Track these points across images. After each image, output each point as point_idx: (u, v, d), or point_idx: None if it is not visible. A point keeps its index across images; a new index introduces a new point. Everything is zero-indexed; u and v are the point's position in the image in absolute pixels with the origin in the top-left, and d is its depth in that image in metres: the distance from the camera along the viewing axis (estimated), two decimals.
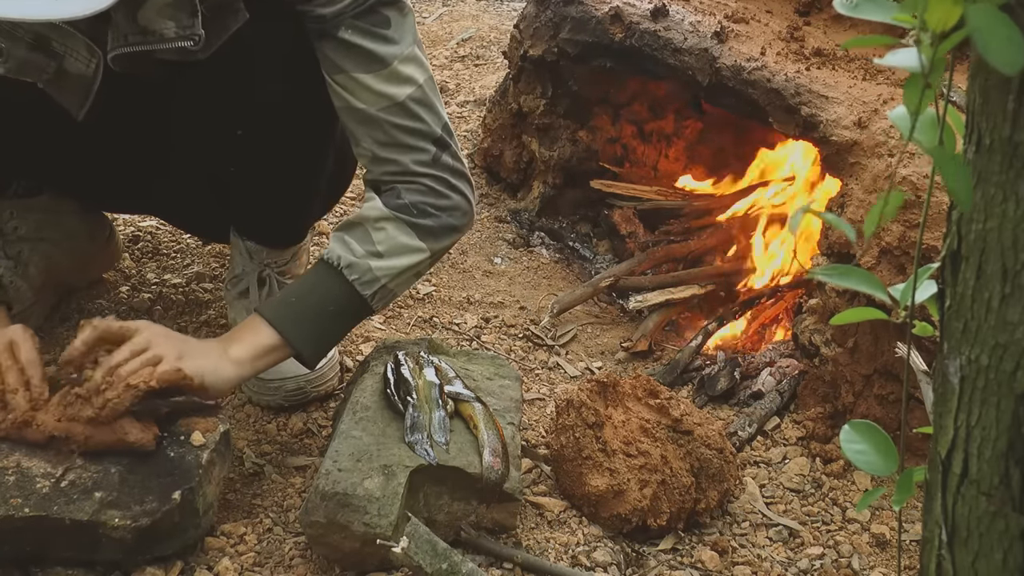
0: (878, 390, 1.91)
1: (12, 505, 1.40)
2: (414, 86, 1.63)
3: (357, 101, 1.61)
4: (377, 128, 1.62)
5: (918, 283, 0.87)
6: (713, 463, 1.72)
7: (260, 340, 1.58)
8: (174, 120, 1.69)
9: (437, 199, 1.65)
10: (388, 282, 1.64)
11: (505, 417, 1.68)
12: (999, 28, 0.65)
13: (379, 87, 1.60)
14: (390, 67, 1.60)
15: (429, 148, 1.64)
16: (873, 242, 1.84)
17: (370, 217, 1.63)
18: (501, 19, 3.65)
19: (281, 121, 1.64)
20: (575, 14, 2.43)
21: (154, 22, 1.49)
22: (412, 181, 1.64)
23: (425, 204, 1.64)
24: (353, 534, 1.47)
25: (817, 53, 2.22)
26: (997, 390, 0.77)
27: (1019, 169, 0.72)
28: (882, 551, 1.74)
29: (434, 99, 1.66)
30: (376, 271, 1.62)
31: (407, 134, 1.63)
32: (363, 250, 1.62)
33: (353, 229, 1.64)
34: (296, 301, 1.63)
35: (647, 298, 2.34)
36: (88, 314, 2.06)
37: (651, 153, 2.70)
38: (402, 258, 1.64)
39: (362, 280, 1.61)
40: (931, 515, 0.87)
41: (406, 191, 1.64)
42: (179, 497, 1.44)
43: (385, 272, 1.62)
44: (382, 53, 1.59)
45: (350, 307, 1.64)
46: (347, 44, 1.58)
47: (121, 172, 1.85)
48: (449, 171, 1.66)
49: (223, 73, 1.57)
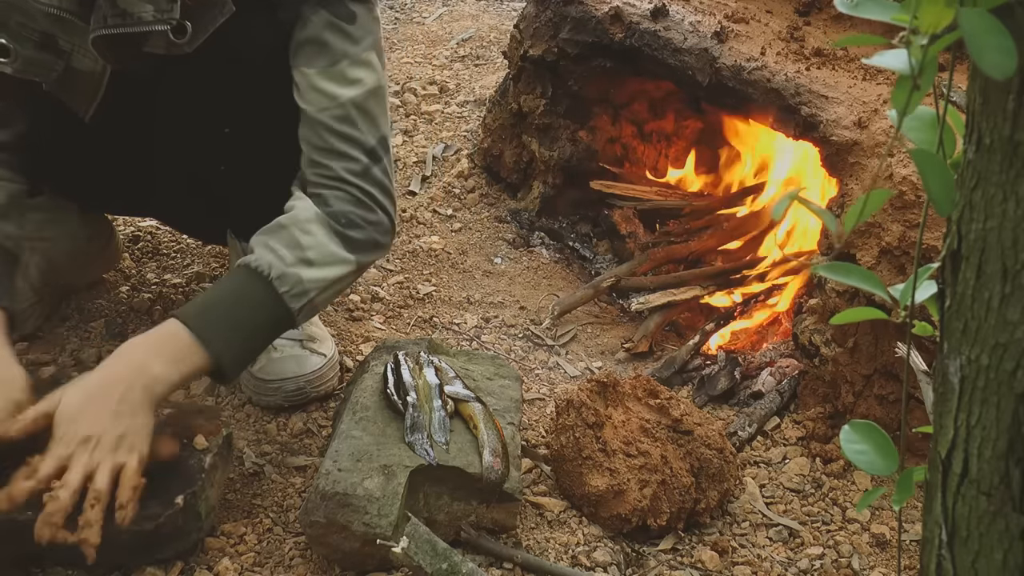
0: (878, 390, 1.91)
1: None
2: (359, 90, 1.59)
3: (303, 101, 1.59)
4: (313, 130, 1.59)
5: (918, 283, 0.87)
6: (713, 463, 1.72)
7: (187, 358, 1.47)
8: (167, 120, 1.69)
9: (364, 212, 1.60)
10: (316, 296, 1.56)
11: (505, 417, 1.68)
12: (991, 34, 0.66)
13: (323, 85, 1.57)
14: (339, 65, 1.57)
15: (361, 158, 1.60)
16: (872, 241, 1.84)
17: (299, 219, 1.56)
18: (501, 19, 3.65)
19: (270, 117, 1.62)
20: (575, 14, 2.43)
21: (133, 5, 1.49)
22: (340, 188, 1.59)
23: (353, 215, 1.59)
24: (353, 534, 1.47)
25: (817, 53, 2.22)
26: (997, 390, 0.77)
27: (1019, 169, 0.72)
28: (882, 551, 1.74)
29: (376, 109, 1.62)
30: (306, 283, 1.54)
31: (342, 140, 1.59)
32: (292, 257, 1.53)
33: (278, 234, 1.56)
34: (222, 313, 1.52)
35: (649, 299, 2.34)
36: (88, 314, 2.06)
37: (651, 153, 2.70)
38: (331, 268, 1.57)
39: (292, 292, 1.53)
40: (931, 515, 0.87)
41: (334, 198, 1.59)
42: (182, 501, 1.44)
43: (314, 284, 1.55)
44: (337, 48, 1.57)
45: (277, 320, 1.56)
46: (308, 30, 1.55)
47: (121, 174, 1.85)
48: (377, 186, 1.61)
49: (211, 68, 1.56)
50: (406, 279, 2.34)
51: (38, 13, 1.55)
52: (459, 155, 2.83)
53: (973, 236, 0.77)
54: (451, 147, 2.87)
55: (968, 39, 0.66)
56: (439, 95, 3.15)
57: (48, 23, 1.56)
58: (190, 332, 1.47)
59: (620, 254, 2.54)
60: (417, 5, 3.80)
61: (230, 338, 1.50)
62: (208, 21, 1.53)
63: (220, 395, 1.89)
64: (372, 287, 2.27)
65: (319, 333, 1.92)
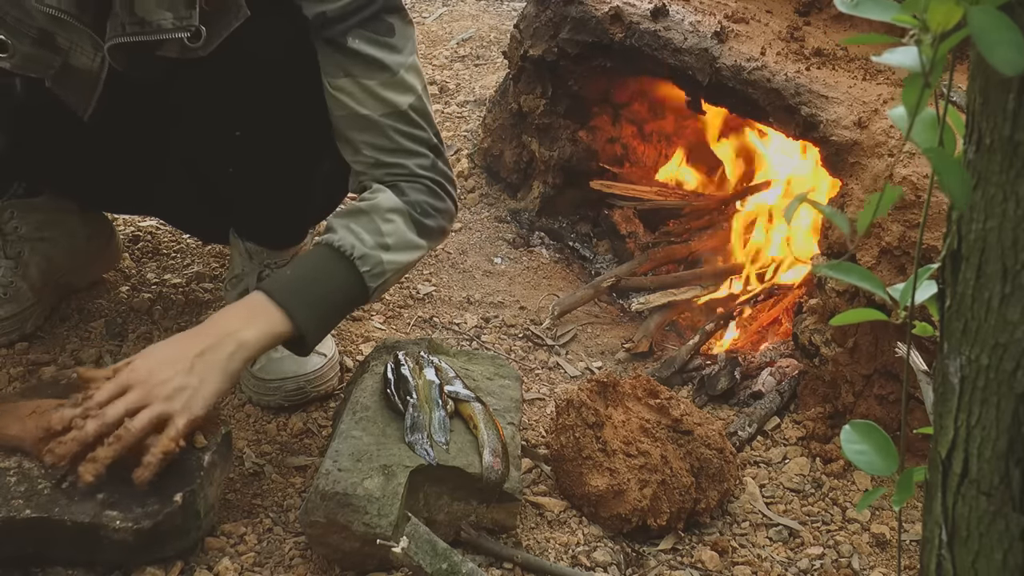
0: (878, 390, 1.91)
1: (13, 506, 1.40)
2: (415, 95, 1.66)
3: (361, 107, 1.62)
4: (380, 134, 1.64)
5: (918, 283, 0.87)
6: (713, 463, 1.72)
7: (274, 327, 1.54)
8: (174, 120, 1.69)
9: (436, 201, 1.68)
10: (391, 276, 1.65)
11: (505, 417, 1.68)
12: (1001, 30, 0.66)
13: (384, 94, 1.63)
14: (396, 75, 1.63)
15: (428, 154, 1.68)
16: (872, 241, 1.84)
17: (382, 207, 1.63)
18: (501, 19, 3.65)
19: (280, 120, 1.64)
20: (575, 14, 2.43)
21: (152, 12, 1.50)
22: (416, 181, 1.66)
23: (427, 204, 1.66)
24: (353, 534, 1.47)
25: (817, 53, 2.21)
26: (997, 390, 0.77)
27: (1019, 169, 0.72)
28: (882, 551, 1.74)
29: (430, 108, 1.71)
30: (385, 264, 1.61)
31: (410, 140, 1.66)
32: (373, 241, 1.60)
33: (359, 217, 1.62)
34: (306, 287, 1.59)
35: (650, 299, 2.34)
36: (88, 314, 2.06)
37: (651, 153, 2.70)
38: (406, 253, 1.65)
39: (372, 272, 1.60)
40: (931, 515, 0.87)
41: (411, 189, 1.66)
42: (180, 499, 1.44)
43: (392, 266, 1.63)
44: (388, 61, 1.62)
45: (353, 297, 1.64)
46: (354, 52, 1.59)
47: (122, 174, 1.86)
48: (444, 176, 1.70)
49: (223, 71, 1.57)
50: (406, 279, 2.34)
51: (36, 11, 1.55)
52: (459, 155, 2.83)
53: (973, 236, 0.77)
54: (451, 147, 2.87)
55: (977, 36, 0.66)
56: (439, 95, 3.15)
57: (46, 21, 1.56)
58: (277, 304, 1.54)
59: (620, 254, 2.54)
60: (417, 5, 3.80)
61: (313, 311, 1.57)
62: (223, 26, 1.54)
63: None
64: None
65: None
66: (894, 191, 0.83)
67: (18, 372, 1.88)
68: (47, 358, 1.93)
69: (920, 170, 1.80)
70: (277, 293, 1.55)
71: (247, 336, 1.51)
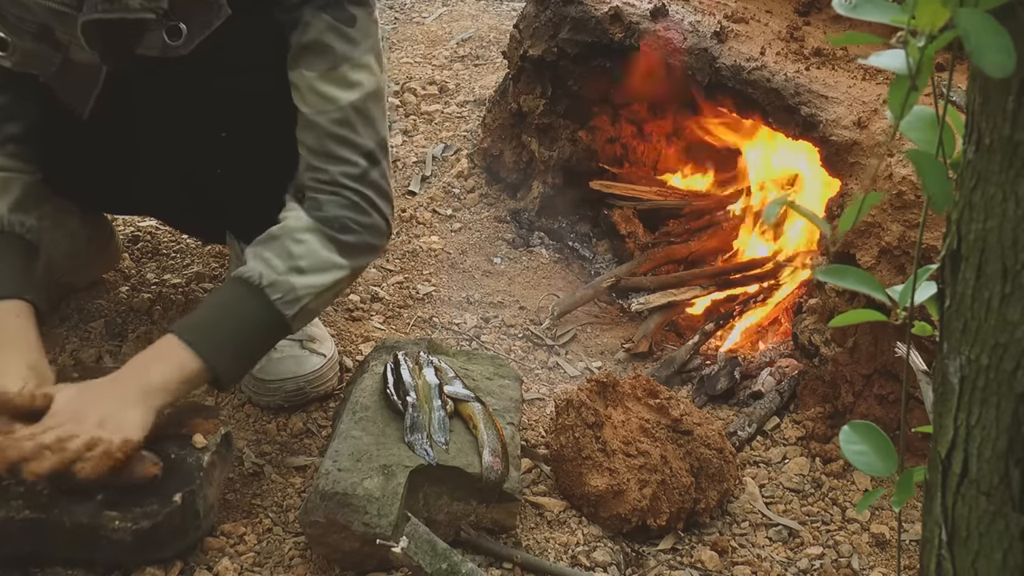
0: (878, 390, 1.91)
1: (12, 507, 1.40)
2: (359, 93, 1.59)
3: (301, 103, 1.59)
4: (311, 134, 1.60)
5: (917, 283, 0.87)
6: (713, 463, 1.72)
7: (183, 367, 1.50)
8: (163, 122, 1.68)
9: (359, 215, 1.61)
10: (309, 302, 1.58)
11: (505, 417, 1.68)
12: (990, 33, 0.66)
13: (323, 88, 1.58)
14: (339, 69, 1.58)
15: (359, 162, 1.61)
16: (872, 241, 1.84)
17: (291, 228, 1.58)
18: (501, 19, 3.65)
19: (266, 120, 1.62)
20: (575, 14, 2.43)
21: None
22: (336, 193, 1.60)
23: (347, 219, 1.60)
24: (353, 534, 1.47)
25: (817, 53, 2.22)
26: (997, 390, 0.78)
27: (1019, 169, 0.72)
28: (882, 551, 1.74)
29: (375, 112, 1.62)
30: (299, 289, 1.56)
31: (340, 144, 1.60)
32: (284, 266, 1.56)
33: (270, 244, 1.58)
34: (216, 324, 1.55)
35: (649, 300, 2.33)
36: (88, 314, 2.06)
37: (651, 153, 2.70)
38: (324, 275, 1.58)
39: (285, 299, 1.56)
40: (931, 515, 0.87)
41: (328, 203, 1.60)
42: (180, 499, 1.44)
43: (307, 291, 1.57)
44: (337, 51, 1.57)
45: (270, 328, 1.59)
46: (308, 34, 1.56)
47: (119, 175, 1.85)
48: (375, 189, 1.62)
49: (208, 72, 1.56)
50: (406, 279, 2.34)
51: (35, 6, 1.54)
52: (459, 155, 2.83)
53: (973, 236, 0.77)
54: (451, 147, 2.87)
55: (967, 39, 0.66)
56: (439, 95, 3.15)
57: (45, 15, 1.56)
58: (184, 343, 1.51)
59: (620, 254, 2.54)
60: (417, 5, 3.80)
61: (224, 347, 1.53)
62: (203, 24, 1.53)
63: (219, 395, 1.89)
64: (372, 287, 2.27)
65: (319, 333, 1.92)
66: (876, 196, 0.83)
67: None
68: (47, 358, 1.92)
69: None
70: (185, 332, 1.52)
71: (154, 378, 1.48)
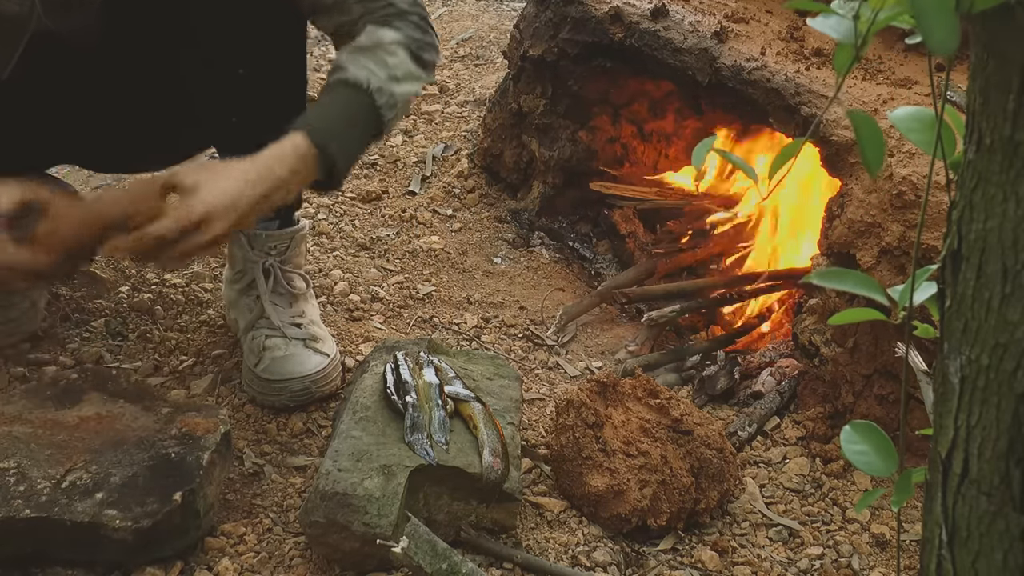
0: (878, 390, 1.91)
1: (13, 506, 1.40)
2: None
3: None
4: None
5: (917, 283, 0.87)
6: (713, 463, 1.72)
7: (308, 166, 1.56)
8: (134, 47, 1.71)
9: (424, 36, 1.73)
10: (400, 108, 1.69)
11: (505, 417, 1.68)
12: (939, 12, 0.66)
13: None
14: None
15: None
16: (872, 241, 1.84)
17: (384, 41, 1.66)
18: (501, 19, 3.65)
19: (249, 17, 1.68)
20: (575, 14, 2.43)
21: None
22: (404, 17, 1.70)
23: (419, 39, 1.71)
24: (353, 534, 1.47)
25: (817, 53, 2.22)
26: (997, 390, 0.77)
27: (1019, 169, 0.72)
28: (882, 551, 1.74)
29: None
30: (397, 96, 1.66)
31: None
32: (384, 74, 1.65)
33: (365, 54, 1.66)
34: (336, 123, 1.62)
35: (663, 312, 2.31)
36: (88, 314, 2.06)
37: (651, 153, 2.70)
38: (412, 84, 1.69)
39: (387, 104, 1.65)
40: (931, 515, 0.87)
41: (403, 25, 1.70)
42: (180, 498, 1.44)
43: (402, 98, 1.67)
44: None
45: (373, 129, 1.67)
46: None
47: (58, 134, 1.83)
48: (425, 12, 1.75)
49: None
50: (406, 279, 2.34)
51: None
52: (459, 155, 2.83)
53: (973, 236, 0.77)
54: (451, 147, 2.87)
55: (917, 16, 0.66)
56: (439, 95, 3.15)
57: None
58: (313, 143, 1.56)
59: (620, 254, 2.54)
60: None
61: (343, 146, 1.61)
62: None
63: (220, 395, 1.89)
64: (372, 287, 2.28)
65: (321, 333, 1.92)
66: (797, 143, 0.85)
67: (18, 372, 1.88)
68: (47, 358, 1.93)
69: (920, 170, 1.81)
70: (315, 134, 1.58)
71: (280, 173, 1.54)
